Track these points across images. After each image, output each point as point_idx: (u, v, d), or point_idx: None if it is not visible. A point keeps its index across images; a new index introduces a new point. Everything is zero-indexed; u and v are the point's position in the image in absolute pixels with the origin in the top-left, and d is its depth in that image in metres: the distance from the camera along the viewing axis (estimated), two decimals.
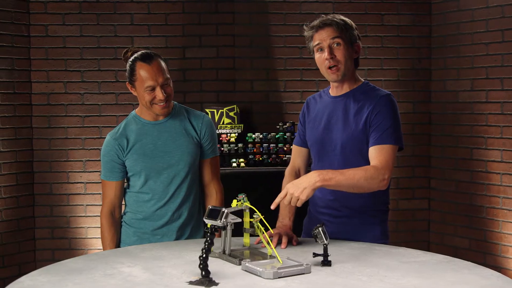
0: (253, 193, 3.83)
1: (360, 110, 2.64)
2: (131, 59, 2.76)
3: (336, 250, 2.43)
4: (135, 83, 2.73)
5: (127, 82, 2.80)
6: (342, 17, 2.69)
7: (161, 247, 2.56)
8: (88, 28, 4.67)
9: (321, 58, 2.64)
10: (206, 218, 2.09)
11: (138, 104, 2.87)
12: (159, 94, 2.70)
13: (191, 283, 2.00)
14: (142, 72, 2.70)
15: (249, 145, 4.43)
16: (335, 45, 2.61)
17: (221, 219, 2.05)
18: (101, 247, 4.61)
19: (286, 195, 2.37)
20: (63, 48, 4.67)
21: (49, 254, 4.67)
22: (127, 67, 2.77)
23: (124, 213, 2.90)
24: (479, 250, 4.53)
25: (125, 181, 2.89)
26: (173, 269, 2.17)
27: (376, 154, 2.55)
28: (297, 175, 2.86)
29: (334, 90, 2.75)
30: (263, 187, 4.03)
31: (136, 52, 2.79)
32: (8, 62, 4.51)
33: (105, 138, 2.86)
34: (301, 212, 2.94)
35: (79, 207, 4.72)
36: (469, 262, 2.25)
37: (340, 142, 2.66)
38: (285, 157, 4.37)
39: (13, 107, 4.55)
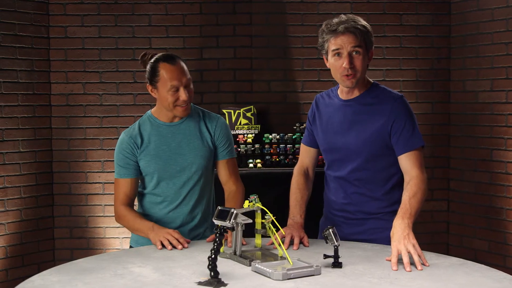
0: (270, 194, 3.83)
1: (374, 115, 2.63)
2: (152, 60, 2.72)
3: (348, 252, 2.42)
4: (158, 84, 2.69)
5: (147, 84, 2.75)
6: (363, 22, 2.62)
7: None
8: (107, 29, 4.71)
9: (338, 64, 2.58)
10: (215, 219, 2.09)
11: (155, 105, 2.86)
12: (183, 95, 2.67)
13: (200, 283, 2.00)
14: (166, 72, 2.66)
15: (266, 146, 4.42)
16: (354, 53, 2.56)
17: (230, 220, 2.05)
18: (119, 247, 4.67)
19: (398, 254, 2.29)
20: (81, 49, 4.71)
21: (67, 254, 4.71)
22: (148, 69, 2.73)
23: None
24: (499, 253, 4.46)
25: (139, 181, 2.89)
26: (183, 270, 2.17)
27: (411, 162, 2.58)
28: (305, 174, 2.86)
29: (344, 94, 2.72)
30: (279, 187, 4.01)
31: (155, 54, 2.77)
32: (27, 63, 4.56)
33: None
34: (317, 213, 2.94)
35: (97, 207, 4.76)
36: (483, 265, 2.22)
37: (354, 147, 2.65)
38: None
39: (32, 108, 4.60)
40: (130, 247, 2.84)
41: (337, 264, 2.20)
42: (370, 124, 2.62)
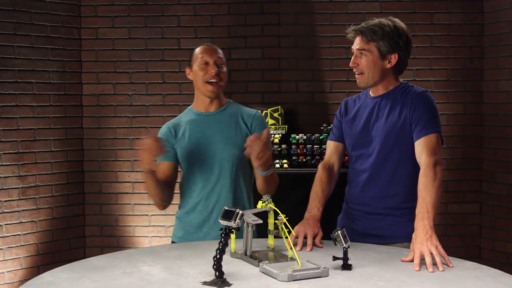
0: (296, 195, 3.81)
1: (398, 107, 2.65)
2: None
3: (361, 254, 2.39)
4: (192, 62, 2.87)
5: (186, 68, 2.92)
6: (382, 23, 2.66)
7: (187, 246, 2.58)
8: (136, 30, 4.77)
9: (352, 60, 2.73)
10: (221, 219, 2.09)
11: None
12: (212, 69, 2.81)
13: (205, 283, 2.00)
14: (199, 49, 2.87)
15: (293, 146, 4.40)
16: (360, 54, 2.67)
17: (235, 220, 2.04)
18: (148, 245, 4.71)
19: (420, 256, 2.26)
20: (112, 50, 4.78)
21: (98, 252, 4.78)
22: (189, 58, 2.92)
23: (179, 207, 2.95)
24: None
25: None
26: (191, 269, 2.18)
27: (421, 147, 2.57)
28: (329, 170, 2.85)
29: (371, 91, 2.78)
30: (306, 188, 3.98)
31: None
32: (59, 64, 4.65)
33: None
34: (335, 210, 2.92)
35: (127, 206, 4.82)
36: (497, 270, 2.16)
37: (379, 139, 2.67)
38: None
39: (64, 108, 4.69)
40: (172, 242, 2.90)
41: (346, 266, 2.17)
42: (394, 116, 2.65)
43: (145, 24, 4.76)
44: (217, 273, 1.99)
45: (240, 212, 2.05)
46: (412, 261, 2.24)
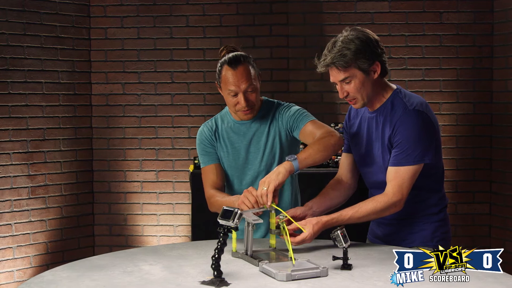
0: (303, 194, 3.81)
1: (387, 126, 2.54)
2: (220, 61, 2.73)
3: (363, 254, 2.38)
4: (221, 85, 2.72)
5: (216, 82, 2.78)
6: (347, 42, 2.45)
7: (191, 246, 2.58)
8: (145, 30, 4.79)
9: (339, 93, 2.55)
10: (219, 219, 2.09)
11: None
12: (241, 101, 2.66)
13: (203, 282, 2.01)
14: (226, 76, 2.66)
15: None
16: (345, 84, 2.48)
17: (233, 220, 2.04)
18: (157, 243, 4.73)
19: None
20: (121, 50, 4.80)
21: (107, 251, 4.78)
22: (217, 68, 2.74)
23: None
24: None
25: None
26: (191, 269, 2.18)
27: (391, 176, 2.49)
28: (337, 179, 2.81)
29: (368, 107, 2.64)
30: (313, 188, 3.98)
31: (231, 51, 2.75)
32: (69, 64, 4.69)
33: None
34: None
35: (135, 205, 4.84)
36: (500, 271, 2.13)
37: (379, 160, 2.60)
38: (337, 158, 4.32)
39: (73, 108, 4.72)
40: None
41: (346, 266, 2.17)
42: (386, 135, 2.55)
43: (154, 24, 4.78)
44: (215, 273, 2.00)
45: (239, 211, 2.06)
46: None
